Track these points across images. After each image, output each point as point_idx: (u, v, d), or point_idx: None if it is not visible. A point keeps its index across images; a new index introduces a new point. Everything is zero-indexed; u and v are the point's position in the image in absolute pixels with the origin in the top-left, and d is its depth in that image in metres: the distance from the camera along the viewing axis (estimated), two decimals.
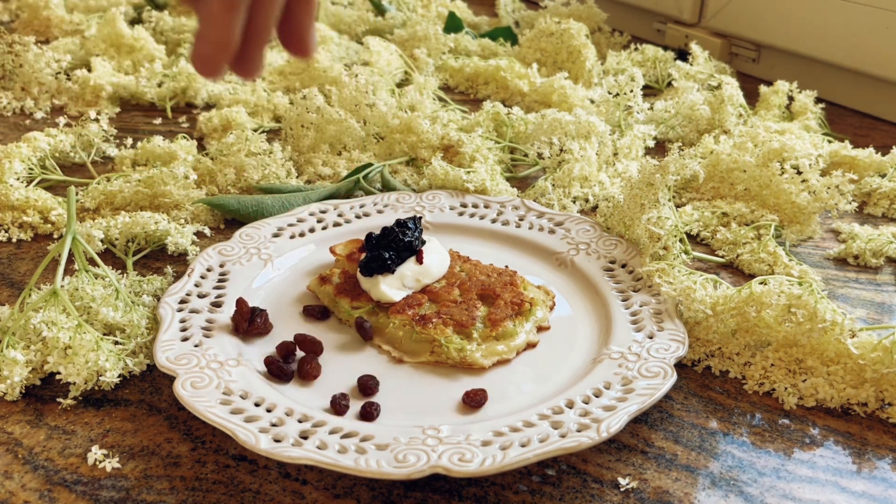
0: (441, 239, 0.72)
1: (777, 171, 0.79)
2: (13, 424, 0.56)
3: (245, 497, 0.50)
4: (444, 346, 0.60)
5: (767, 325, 0.61)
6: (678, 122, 0.98)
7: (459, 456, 0.50)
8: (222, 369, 0.57)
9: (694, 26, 1.24)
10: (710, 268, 0.75)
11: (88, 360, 0.58)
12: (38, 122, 1.02)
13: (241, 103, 1.03)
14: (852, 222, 0.81)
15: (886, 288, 0.72)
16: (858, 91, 1.07)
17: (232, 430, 0.51)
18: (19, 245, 0.76)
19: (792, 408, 0.58)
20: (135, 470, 0.52)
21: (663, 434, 0.56)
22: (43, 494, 0.50)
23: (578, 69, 1.11)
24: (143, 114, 1.05)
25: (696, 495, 0.51)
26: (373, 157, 0.90)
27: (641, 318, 0.63)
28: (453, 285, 0.66)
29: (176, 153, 0.88)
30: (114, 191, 0.80)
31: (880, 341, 0.58)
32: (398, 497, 0.51)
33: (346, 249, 0.69)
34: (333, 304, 0.66)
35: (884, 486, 0.52)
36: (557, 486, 0.52)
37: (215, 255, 0.70)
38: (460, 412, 0.56)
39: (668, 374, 0.56)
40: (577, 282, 0.70)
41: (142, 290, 0.67)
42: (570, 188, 0.83)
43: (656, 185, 0.69)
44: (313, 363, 0.59)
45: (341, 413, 0.55)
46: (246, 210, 0.78)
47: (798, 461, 0.54)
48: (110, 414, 0.57)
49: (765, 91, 1.01)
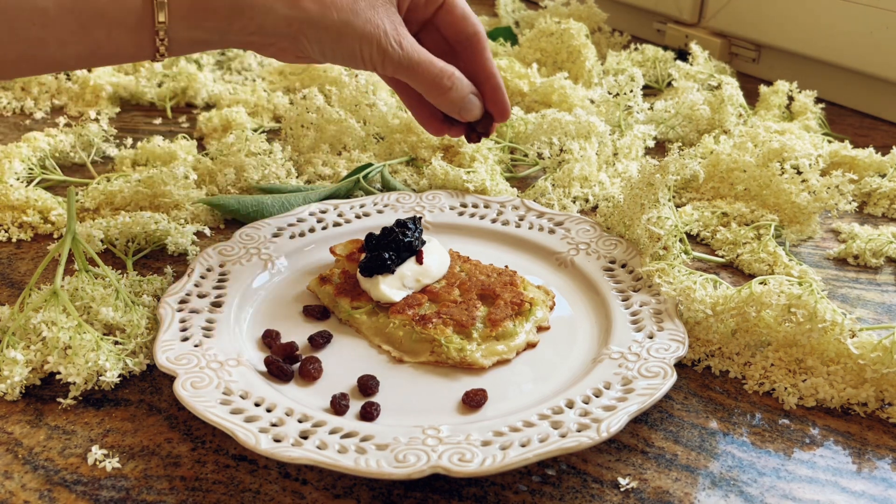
0: (441, 239, 0.72)
1: (777, 171, 0.79)
2: (13, 424, 0.56)
3: (245, 497, 0.51)
4: (444, 346, 0.60)
5: (767, 325, 0.61)
6: (678, 122, 0.98)
7: (459, 456, 0.50)
8: (222, 369, 0.57)
9: (694, 26, 1.24)
10: (710, 268, 0.75)
11: (88, 360, 0.58)
12: (38, 122, 1.02)
13: (241, 103, 1.03)
14: (852, 222, 0.81)
15: (886, 288, 0.72)
16: (858, 91, 1.07)
17: (232, 430, 0.51)
18: (19, 245, 0.76)
19: (792, 408, 0.58)
20: (135, 470, 0.52)
21: (663, 434, 0.56)
22: (43, 494, 0.50)
23: (578, 69, 1.11)
24: (143, 114, 1.05)
25: (696, 495, 0.51)
26: (373, 157, 0.90)
27: (641, 318, 0.63)
28: (453, 285, 0.66)
29: (176, 153, 0.88)
30: (114, 191, 0.80)
31: (880, 341, 0.58)
32: (398, 497, 0.51)
33: (346, 249, 0.69)
34: (333, 304, 0.66)
35: (884, 486, 0.52)
36: (557, 486, 0.52)
37: (215, 255, 0.70)
38: (460, 412, 0.56)
39: (668, 374, 0.56)
40: (577, 282, 0.70)
41: (142, 290, 0.67)
42: (570, 188, 0.84)
43: (656, 185, 0.69)
44: (315, 364, 0.59)
45: (341, 413, 0.55)
46: (246, 210, 0.78)
47: (798, 461, 0.54)
48: (110, 414, 0.57)
49: (765, 91, 1.01)
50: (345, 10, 0.58)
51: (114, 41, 0.54)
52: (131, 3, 0.52)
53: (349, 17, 0.58)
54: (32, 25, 0.50)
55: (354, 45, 0.59)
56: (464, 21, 0.63)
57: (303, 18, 0.57)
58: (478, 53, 0.64)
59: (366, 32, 0.59)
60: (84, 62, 0.55)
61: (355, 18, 0.58)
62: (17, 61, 0.52)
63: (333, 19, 0.58)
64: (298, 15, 0.57)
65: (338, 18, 0.58)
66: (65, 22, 0.51)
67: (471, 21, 0.63)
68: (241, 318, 0.64)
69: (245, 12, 0.56)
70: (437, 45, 0.66)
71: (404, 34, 0.60)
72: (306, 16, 0.57)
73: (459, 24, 0.63)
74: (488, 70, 0.64)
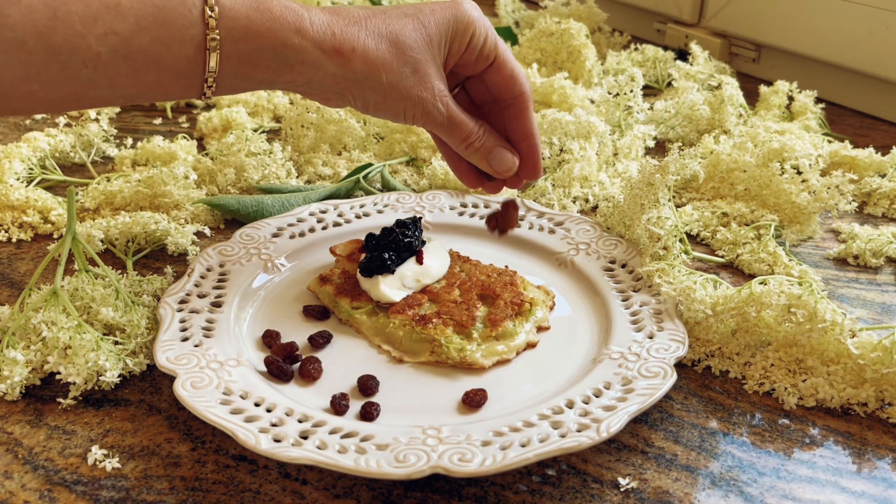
0: (441, 239, 0.72)
1: (777, 171, 0.79)
2: (13, 424, 0.56)
3: (245, 497, 0.51)
4: (444, 346, 0.60)
5: (767, 325, 0.61)
6: (678, 122, 0.98)
7: (459, 456, 0.50)
8: (222, 369, 0.57)
9: (694, 26, 1.24)
10: (710, 268, 0.75)
11: (88, 360, 0.58)
12: (38, 122, 1.02)
13: (241, 103, 1.03)
14: (852, 222, 0.81)
15: (886, 288, 0.72)
16: (858, 91, 1.07)
17: (232, 430, 0.51)
18: (19, 245, 0.76)
19: (792, 408, 0.58)
20: (135, 470, 0.52)
21: (663, 434, 0.56)
22: (43, 494, 0.50)
23: (578, 69, 1.11)
24: (143, 114, 1.05)
25: (696, 495, 0.51)
26: (373, 157, 0.90)
27: (641, 318, 0.63)
28: (453, 285, 0.66)
29: (176, 153, 0.88)
30: (114, 191, 0.80)
31: (880, 341, 0.58)
32: (398, 497, 0.51)
33: (346, 249, 0.69)
34: (333, 304, 0.66)
35: (884, 486, 0.52)
36: (557, 486, 0.52)
37: (215, 255, 0.70)
38: (460, 412, 0.56)
39: (668, 374, 0.56)
40: (577, 282, 0.70)
41: (142, 290, 0.66)
42: (570, 188, 0.84)
43: (656, 185, 0.69)
44: (315, 364, 0.59)
45: (341, 413, 0.55)
46: (246, 210, 0.78)
47: (798, 461, 0.54)
48: (110, 414, 0.57)
49: (765, 91, 1.01)
50: (394, 72, 0.58)
51: (163, 85, 0.54)
52: (183, 52, 0.53)
53: (397, 80, 0.58)
54: (84, 68, 0.50)
55: (400, 106, 0.60)
56: (511, 81, 0.63)
57: (350, 79, 0.57)
58: (519, 113, 0.64)
59: (412, 96, 0.59)
60: (130, 101, 0.55)
61: (403, 82, 0.58)
62: (66, 99, 0.52)
63: (382, 81, 0.58)
64: (347, 75, 0.57)
65: (386, 81, 0.58)
66: (117, 66, 0.51)
67: (518, 82, 0.63)
68: (241, 318, 0.64)
69: (295, 67, 0.56)
70: (481, 96, 0.66)
71: (447, 95, 0.61)
72: (354, 77, 0.57)
73: (507, 83, 0.63)
74: (527, 130, 0.65)
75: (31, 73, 0.49)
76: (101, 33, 0.50)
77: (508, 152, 0.64)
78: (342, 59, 0.57)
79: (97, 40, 0.50)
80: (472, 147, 0.63)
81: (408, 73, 0.58)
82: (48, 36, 0.49)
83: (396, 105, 0.60)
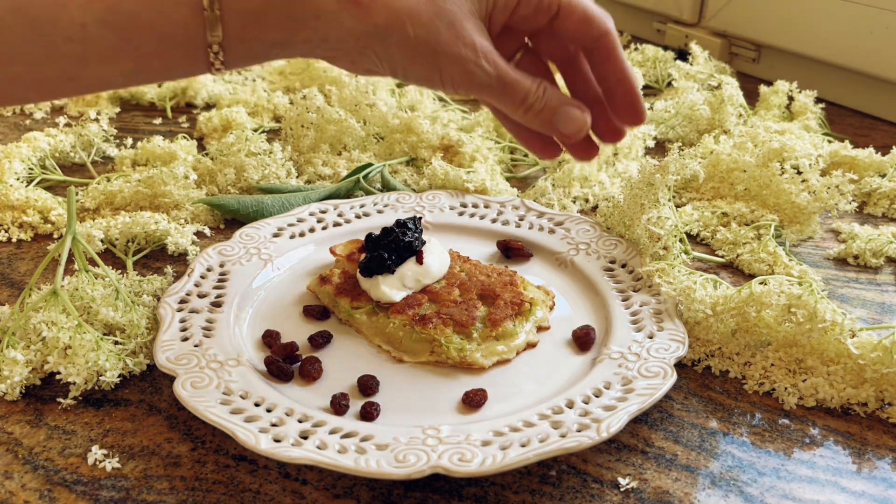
0: (441, 239, 0.72)
1: (777, 171, 0.79)
2: (13, 424, 0.56)
3: (245, 497, 0.51)
4: (444, 345, 0.60)
5: (767, 325, 0.61)
6: (678, 122, 0.98)
7: (459, 456, 0.50)
8: (222, 369, 0.57)
9: (694, 26, 1.24)
10: (710, 268, 0.75)
11: (88, 360, 0.58)
12: (38, 122, 1.02)
13: (241, 103, 1.03)
14: (852, 222, 0.81)
15: (886, 288, 0.72)
16: (858, 91, 1.07)
17: (232, 430, 0.51)
18: (19, 245, 0.76)
19: (792, 408, 0.58)
20: (135, 470, 0.52)
21: (663, 434, 0.56)
22: (43, 494, 0.50)
23: None
24: (143, 114, 1.05)
25: (696, 495, 0.51)
26: (373, 157, 0.90)
27: (641, 318, 0.63)
28: (453, 285, 0.66)
29: (176, 153, 0.88)
30: (114, 191, 0.80)
31: (880, 341, 0.58)
32: (398, 497, 0.51)
33: (346, 249, 0.69)
34: (333, 304, 0.66)
35: (884, 486, 0.52)
36: (557, 486, 0.52)
37: (215, 255, 0.70)
38: (460, 412, 0.56)
39: (668, 373, 0.56)
40: (577, 282, 0.70)
41: (142, 290, 0.67)
42: (570, 188, 0.84)
43: (656, 185, 0.69)
44: (315, 364, 0.59)
45: (341, 413, 0.55)
46: (246, 210, 0.78)
47: (798, 461, 0.54)
48: (110, 414, 0.57)
49: (765, 91, 1.01)
50: (422, 24, 0.49)
51: (163, 57, 0.48)
52: (179, 15, 0.47)
53: (427, 34, 0.49)
54: (70, 41, 0.46)
55: (433, 67, 0.50)
56: (587, 24, 0.53)
57: (372, 33, 0.49)
58: (607, 54, 0.54)
59: (448, 53, 0.50)
60: (132, 79, 0.50)
61: (435, 36, 0.49)
62: (57, 80, 0.48)
63: (408, 36, 0.49)
64: (367, 29, 0.49)
65: (413, 35, 0.49)
66: (106, 38, 0.46)
67: (596, 22, 0.53)
68: (241, 318, 0.64)
69: (308, 23, 0.48)
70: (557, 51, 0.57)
71: (492, 52, 0.51)
72: (376, 31, 0.49)
73: (582, 28, 0.53)
74: (620, 71, 0.54)
75: (13, 52, 0.46)
76: (83, 1, 0.46)
77: (576, 109, 0.53)
78: (360, 9, 0.48)
79: (80, 9, 0.46)
80: (532, 110, 0.53)
81: (441, 27, 0.49)
82: (25, 8, 0.45)
83: (428, 65, 0.50)
